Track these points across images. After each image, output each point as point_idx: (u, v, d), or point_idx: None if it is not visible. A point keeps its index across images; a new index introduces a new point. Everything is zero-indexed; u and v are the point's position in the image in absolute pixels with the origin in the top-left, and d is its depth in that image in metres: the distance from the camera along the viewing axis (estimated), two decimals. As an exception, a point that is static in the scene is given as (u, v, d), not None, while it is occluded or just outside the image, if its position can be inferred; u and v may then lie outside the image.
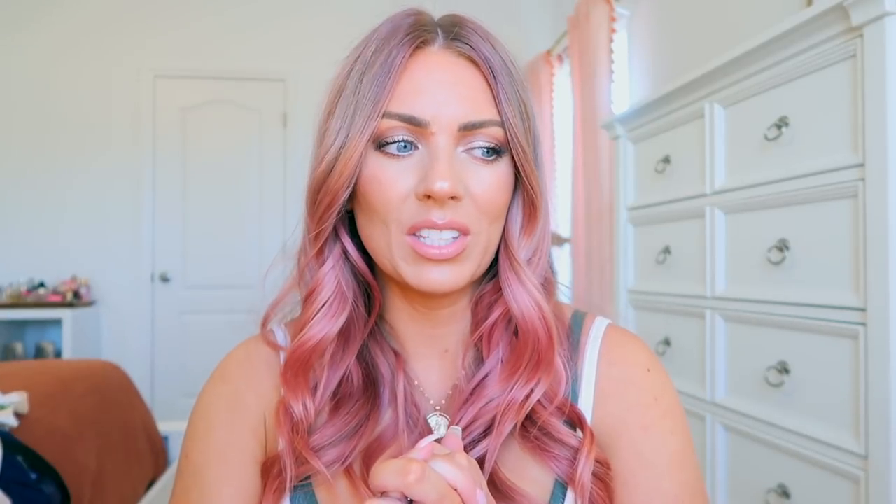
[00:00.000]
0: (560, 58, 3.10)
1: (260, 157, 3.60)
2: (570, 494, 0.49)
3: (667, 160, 1.50)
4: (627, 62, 2.47)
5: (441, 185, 0.45)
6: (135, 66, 3.50)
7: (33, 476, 1.39)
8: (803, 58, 1.03)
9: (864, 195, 0.91)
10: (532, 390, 0.49)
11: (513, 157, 0.50)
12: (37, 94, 3.44)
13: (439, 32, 0.50)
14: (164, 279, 3.54)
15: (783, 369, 1.08)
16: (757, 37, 1.11)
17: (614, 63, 2.40)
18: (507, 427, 0.49)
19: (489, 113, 0.48)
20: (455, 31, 0.50)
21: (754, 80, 1.16)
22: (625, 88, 2.47)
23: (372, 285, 0.55)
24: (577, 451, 0.49)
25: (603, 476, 0.50)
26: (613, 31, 2.40)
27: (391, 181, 0.47)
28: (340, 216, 0.53)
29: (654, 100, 1.52)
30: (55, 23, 3.45)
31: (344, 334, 0.53)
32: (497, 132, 0.49)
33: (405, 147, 0.48)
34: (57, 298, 3.27)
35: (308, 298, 0.52)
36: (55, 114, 3.45)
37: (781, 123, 1.09)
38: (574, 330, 0.57)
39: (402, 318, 0.56)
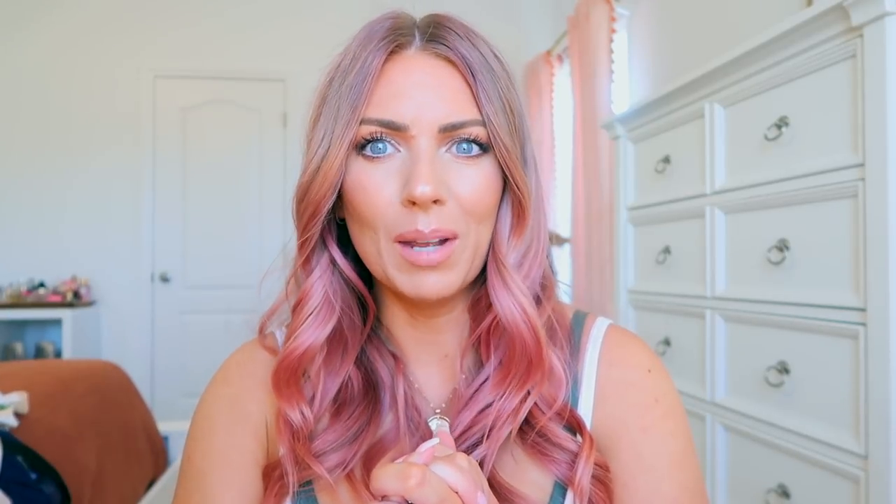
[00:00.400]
0: (560, 58, 3.10)
1: (260, 157, 3.60)
2: (569, 496, 0.49)
3: (667, 160, 1.50)
4: (627, 62, 2.47)
5: (423, 190, 0.44)
6: (135, 66, 3.50)
7: (33, 476, 1.39)
8: (803, 58, 1.03)
9: (864, 195, 0.91)
10: (527, 394, 0.49)
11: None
12: (37, 94, 3.44)
13: (416, 34, 0.50)
14: (164, 279, 3.54)
15: (783, 369, 1.08)
16: (757, 37, 1.11)
17: (614, 63, 2.40)
18: (504, 432, 0.49)
19: (470, 113, 0.48)
20: (431, 32, 0.50)
21: (754, 80, 1.16)
22: (625, 88, 2.47)
23: (364, 294, 0.55)
24: (576, 455, 0.49)
25: (602, 478, 0.50)
26: (613, 31, 2.40)
27: (376, 187, 0.47)
28: (329, 226, 0.53)
29: (654, 100, 1.52)
30: (55, 23, 3.45)
31: (340, 341, 0.53)
32: (479, 131, 0.48)
33: (384, 148, 0.47)
34: (57, 298, 3.27)
35: (296, 307, 0.52)
36: (55, 114, 3.45)
37: (781, 123, 1.09)
38: (575, 331, 0.57)
39: (399, 324, 0.56)
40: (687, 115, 1.40)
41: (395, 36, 0.49)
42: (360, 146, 0.48)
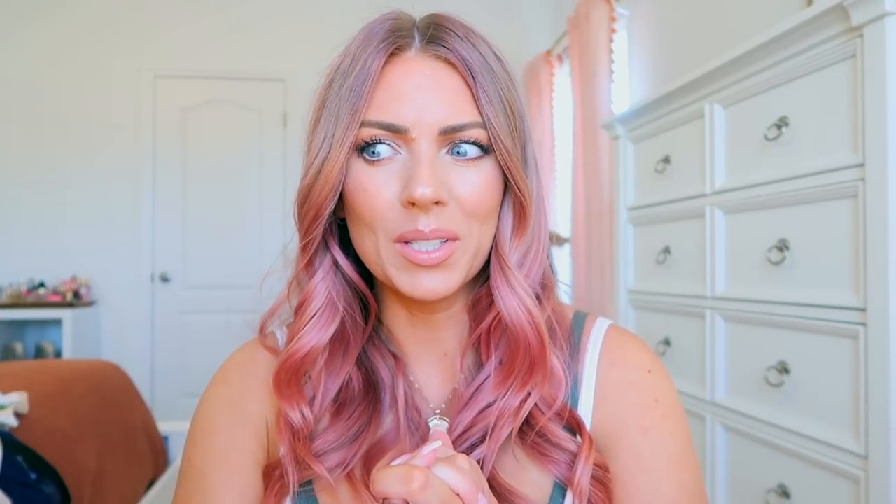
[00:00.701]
0: (560, 58, 3.10)
1: (260, 157, 3.60)
2: (568, 496, 0.49)
3: (667, 160, 1.50)
4: (627, 62, 2.47)
5: (423, 192, 0.44)
6: (135, 66, 3.50)
7: (33, 476, 1.39)
8: (803, 58, 1.03)
9: (864, 195, 0.91)
10: (528, 395, 0.49)
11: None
12: (37, 94, 3.44)
13: (416, 36, 0.50)
14: (164, 279, 3.54)
15: (783, 369, 1.08)
16: (757, 37, 1.11)
17: (614, 63, 2.40)
18: (504, 433, 0.49)
19: (470, 115, 0.48)
20: (430, 34, 0.49)
21: (754, 80, 1.16)
22: (625, 88, 2.47)
23: (366, 294, 0.55)
24: (575, 455, 0.49)
25: (602, 478, 0.50)
26: (613, 31, 2.40)
27: (377, 189, 0.47)
28: (331, 227, 0.53)
29: (654, 100, 1.52)
30: (55, 23, 3.45)
31: (341, 342, 0.53)
32: (479, 134, 0.48)
33: (382, 151, 0.47)
34: (57, 298, 3.27)
35: (299, 309, 0.52)
36: (55, 114, 3.45)
37: (781, 123, 1.09)
38: (575, 331, 0.57)
39: (399, 323, 0.56)
40: (687, 115, 1.40)
41: (395, 38, 0.49)
42: (361, 149, 0.48)
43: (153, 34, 3.51)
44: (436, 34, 0.49)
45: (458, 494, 0.37)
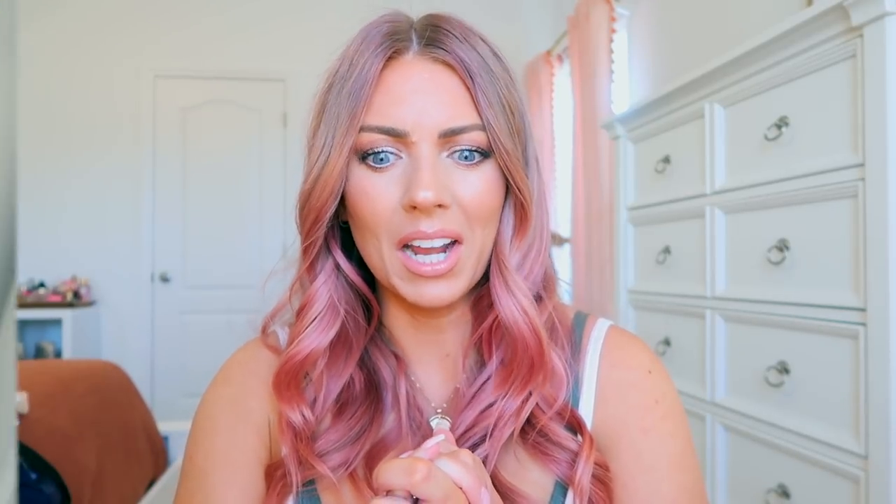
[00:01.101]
0: (560, 58, 3.10)
1: (260, 157, 3.60)
2: (569, 495, 0.49)
3: (667, 160, 1.50)
4: (627, 62, 2.47)
5: (424, 195, 0.44)
6: (135, 66, 3.50)
7: (33, 476, 1.39)
8: (803, 58, 1.03)
9: (864, 195, 0.91)
10: (529, 395, 0.49)
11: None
12: (37, 95, 3.44)
13: (413, 38, 0.50)
14: (164, 279, 3.54)
15: (783, 369, 1.08)
16: (757, 37, 1.11)
17: (614, 63, 2.40)
18: (506, 432, 0.49)
19: (470, 118, 0.48)
20: (428, 36, 0.49)
21: (754, 80, 1.16)
22: (625, 88, 2.47)
23: (369, 298, 0.55)
24: (576, 454, 0.49)
25: (602, 478, 0.50)
26: (613, 31, 2.40)
27: (379, 193, 0.47)
28: (333, 231, 0.53)
29: (654, 100, 1.52)
30: (55, 23, 3.45)
31: (343, 344, 0.53)
32: (479, 136, 0.48)
33: (386, 158, 0.47)
34: (57, 298, 3.27)
35: (300, 312, 0.53)
36: (55, 114, 3.45)
37: (781, 123, 1.09)
38: (576, 331, 0.57)
39: (401, 325, 0.56)
40: (687, 115, 1.40)
41: (392, 41, 0.49)
42: (362, 156, 0.48)
43: (153, 34, 3.51)
44: (433, 36, 0.49)
45: (461, 488, 0.37)
